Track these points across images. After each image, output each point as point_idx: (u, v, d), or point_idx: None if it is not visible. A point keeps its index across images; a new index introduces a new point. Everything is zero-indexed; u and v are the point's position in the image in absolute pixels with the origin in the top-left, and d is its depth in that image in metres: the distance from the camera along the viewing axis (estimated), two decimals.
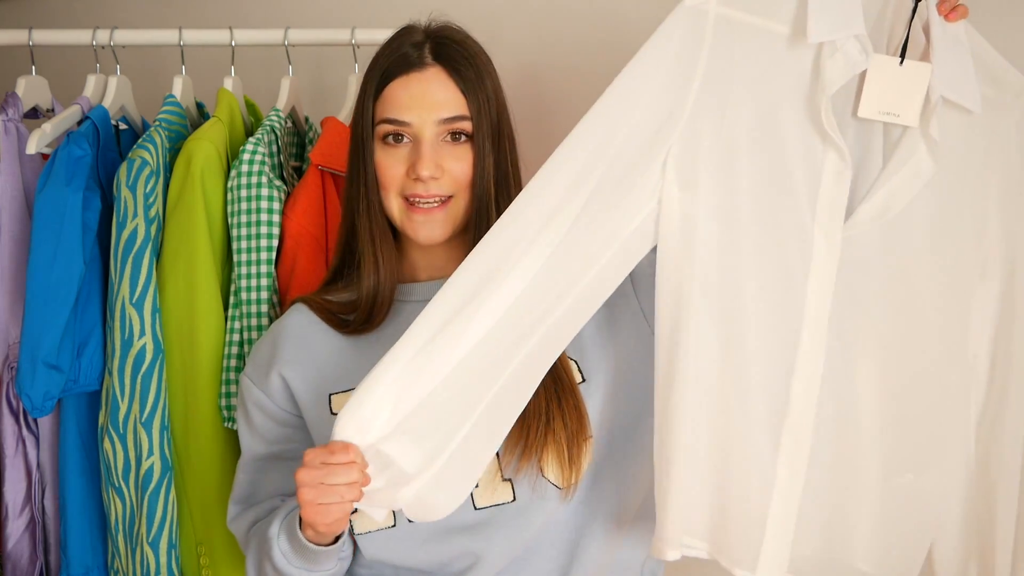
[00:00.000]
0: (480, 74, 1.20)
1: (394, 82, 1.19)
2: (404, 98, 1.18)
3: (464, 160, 1.18)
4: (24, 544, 1.52)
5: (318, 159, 1.50)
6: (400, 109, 1.18)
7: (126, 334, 1.41)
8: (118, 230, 1.43)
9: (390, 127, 1.18)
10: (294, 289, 1.46)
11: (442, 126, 1.18)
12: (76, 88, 1.62)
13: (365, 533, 1.18)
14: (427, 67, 1.18)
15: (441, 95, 1.18)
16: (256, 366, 1.28)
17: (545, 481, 1.15)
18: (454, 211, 1.20)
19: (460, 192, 1.19)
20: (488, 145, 1.18)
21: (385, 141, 1.19)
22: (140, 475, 1.42)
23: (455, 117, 1.18)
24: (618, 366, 1.20)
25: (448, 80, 1.18)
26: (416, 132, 1.18)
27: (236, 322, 1.45)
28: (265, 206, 1.44)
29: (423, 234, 1.20)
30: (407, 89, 1.18)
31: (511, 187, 1.21)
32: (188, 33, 1.60)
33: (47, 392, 1.42)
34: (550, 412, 1.14)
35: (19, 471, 1.51)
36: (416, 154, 1.17)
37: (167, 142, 1.50)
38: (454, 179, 1.19)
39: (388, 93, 1.19)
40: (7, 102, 1.55)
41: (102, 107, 1.55)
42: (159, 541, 1.43)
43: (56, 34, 1.63)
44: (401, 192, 1.20)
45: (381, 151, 1.20)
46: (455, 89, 1.18)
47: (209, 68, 1.67)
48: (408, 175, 1.18)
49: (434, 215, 1.19)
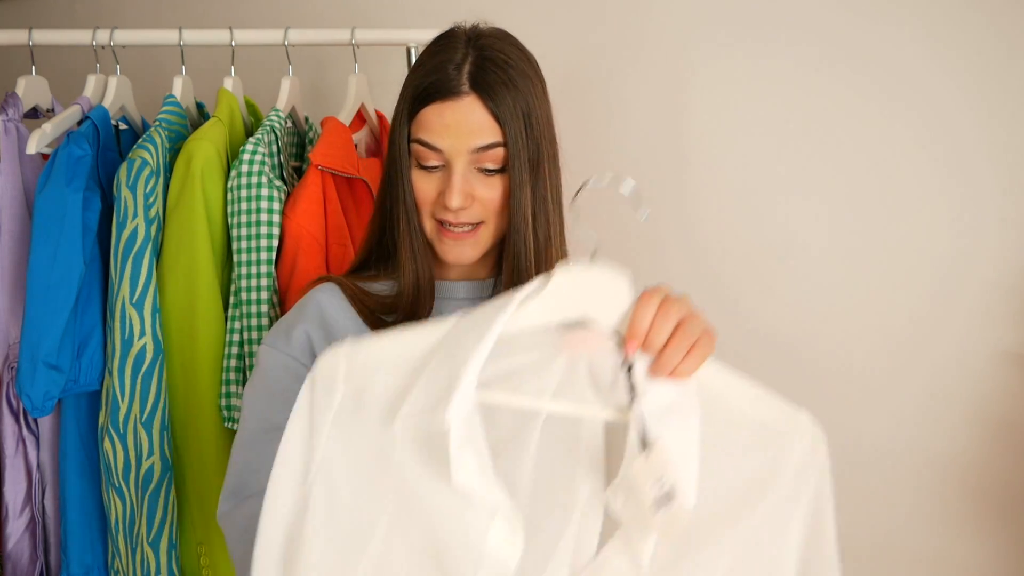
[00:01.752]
0: (518, 99, 1.16)
1: (429, 107, 1.15)
2: (438, 126, 1.15)
3: (495, 189, 1.17)
4: (24, 544, 1.52)
5: (318, 159, 1.50)
6: (433, 135, 1.15)
7: (126, 334, 1.41)
8: (118, 230, 1.43)
9: (423, 149, 1.16)
10: (294, 289, 1.46)
11: (474, 155, 1.15)
12: (76, 88, 1.62)
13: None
14: (463, 96, 1.14)
15: (475, 123, 1.14)
16: (279, 332, 1.22)
17: None
18: (484, 236, 1.19)
19: (491, 218, 1.18)
20: (525, 175, 1.16)
21: (419, 164, 1.18)
22: (140, 475, 1.42)
23: (489, 145, 1.15)
24: None
25: (483, 110, 1.14)
26: (448, 159, 1.15)
27: (236, 322, 1.45)
28: (265, 206, 1.44)
29: (452, 256, 1.19)
30: (441, 117, 1.15)
31: (550, 210, 1.19)
32: (188, 33, 1.60)
33: (47, 392, 1.42)
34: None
35: (19, 471, 1.51)
36: (446, 183, 1.16)
37: (167, 142, 1.50)
38: (484, 206, 1.17)
39: (423, 117, 1.16)
40: (7, 102, 1.55)
41: (102, 107, 1.55)
42: (159, 541, 1.43)
43: (56, 34, 1.63)
44: (433, 214, 1.19)
45: (416, 171, 1.18)
46: (490, 119, 1.14)
47: (209, 68, 1.67)
48: (439, 201, 1.17)
49: (464, 240, 1.18)
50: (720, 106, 1.71)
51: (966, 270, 1.58)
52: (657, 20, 1.74)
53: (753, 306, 1.72)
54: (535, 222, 1.18)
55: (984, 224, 1.56)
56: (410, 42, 1.61)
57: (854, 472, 1.66)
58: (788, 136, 1.67)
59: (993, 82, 1.55)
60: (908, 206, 1.61)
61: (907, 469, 1.63)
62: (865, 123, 1.62)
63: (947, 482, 1.60)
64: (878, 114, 1.61)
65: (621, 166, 1.78)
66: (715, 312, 1.72)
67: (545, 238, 1.19)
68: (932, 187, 1.59)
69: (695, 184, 1.74)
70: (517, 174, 1.16)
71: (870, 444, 1.65)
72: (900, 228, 1.62)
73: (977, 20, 1.55)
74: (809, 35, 1.64)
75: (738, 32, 1.69)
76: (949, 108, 1.57)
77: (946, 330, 1.60)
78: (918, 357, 1.62)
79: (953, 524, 1.60)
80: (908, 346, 1.62)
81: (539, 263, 1.18)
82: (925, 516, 1.62)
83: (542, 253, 1.19)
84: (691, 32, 1.72)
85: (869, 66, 1.61)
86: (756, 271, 1.70)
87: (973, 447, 1.59)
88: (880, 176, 1.62)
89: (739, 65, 1.69)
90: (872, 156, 1.62)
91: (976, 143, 1.56)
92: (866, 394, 1.65)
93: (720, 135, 1.72)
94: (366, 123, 1.70)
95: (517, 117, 1.15)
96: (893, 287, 1.62)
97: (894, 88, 1.60)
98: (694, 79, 1.73)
